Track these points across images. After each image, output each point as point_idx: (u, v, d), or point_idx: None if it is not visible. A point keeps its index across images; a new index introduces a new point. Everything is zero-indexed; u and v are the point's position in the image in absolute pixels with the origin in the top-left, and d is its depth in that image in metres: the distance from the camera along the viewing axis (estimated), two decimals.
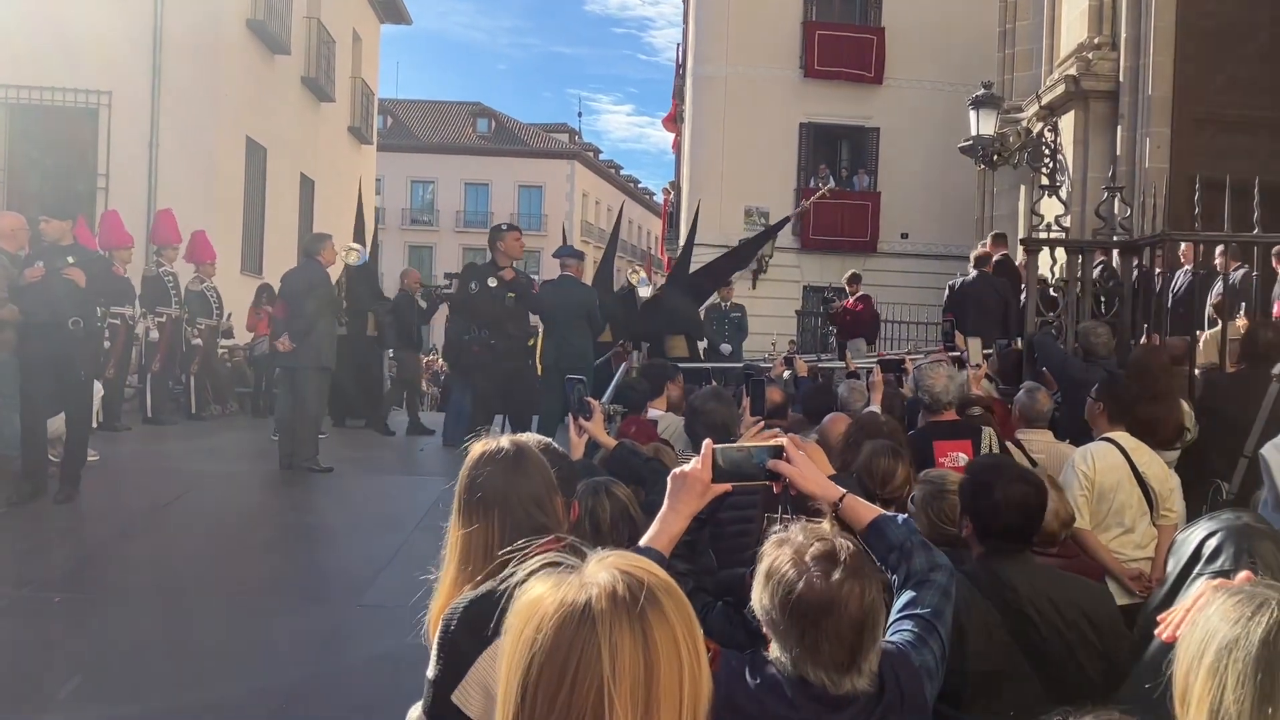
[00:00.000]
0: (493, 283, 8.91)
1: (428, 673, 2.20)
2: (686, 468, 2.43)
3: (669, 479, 2.48)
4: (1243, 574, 1.93)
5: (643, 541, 2.40)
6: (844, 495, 2.43)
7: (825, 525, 2.19)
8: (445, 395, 14.18)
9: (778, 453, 2.43)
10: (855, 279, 14.92)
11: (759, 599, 2.06)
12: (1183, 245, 8.10)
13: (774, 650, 2.06)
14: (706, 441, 2.50)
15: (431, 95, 60.31)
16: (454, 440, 11.25)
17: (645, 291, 12.32)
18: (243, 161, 17.61)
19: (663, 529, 2.40)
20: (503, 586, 1.76)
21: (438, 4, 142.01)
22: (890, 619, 2.20)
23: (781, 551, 2.05)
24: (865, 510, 2.41)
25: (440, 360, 15.88)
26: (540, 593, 1.25)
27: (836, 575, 1.97)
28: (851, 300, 14.53)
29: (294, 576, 6.80)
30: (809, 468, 2.43)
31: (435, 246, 50.06)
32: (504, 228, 9.68)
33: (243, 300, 14.83)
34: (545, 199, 51.50)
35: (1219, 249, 7.83)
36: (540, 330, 9.88)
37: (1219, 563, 2.34)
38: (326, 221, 19.36)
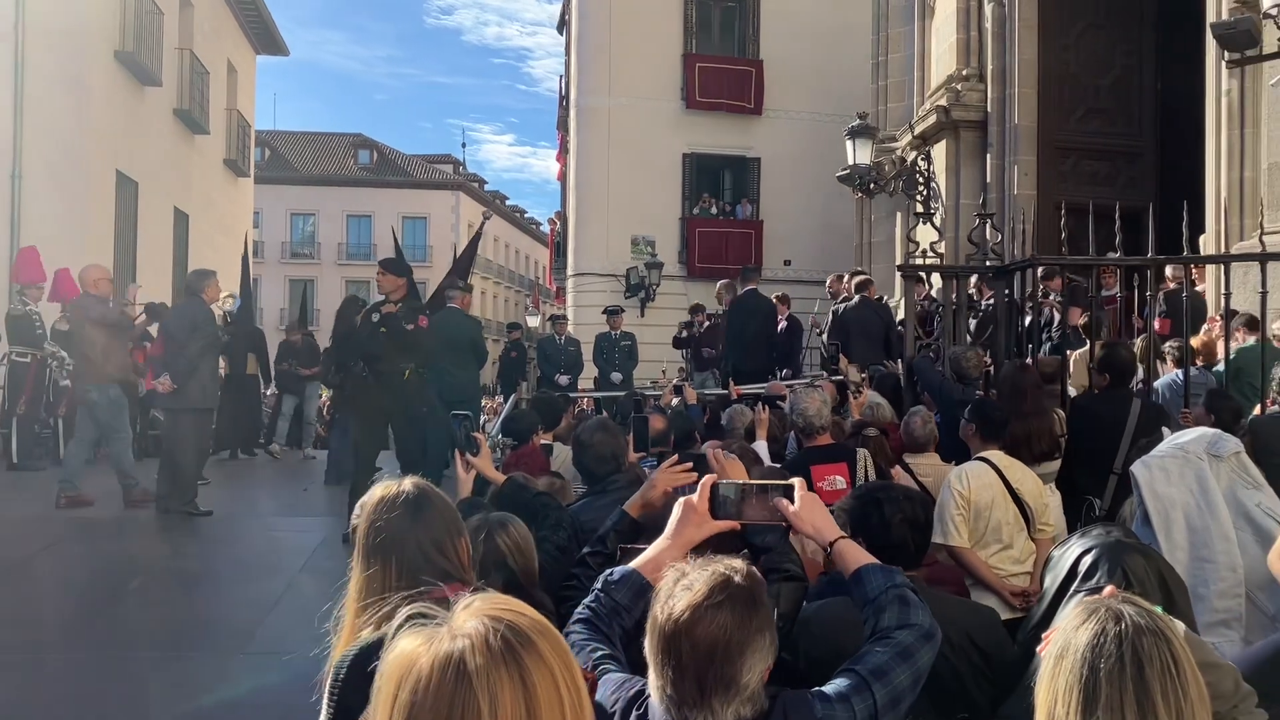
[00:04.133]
0: (374, 317, 8.77)
1: None
2: (693, 498, 2.38)
3: (676, 505, 2.42)
4: (1107, 589, 2.01)
5: (632, 564, 2.36)
6: (838, 539, 2.36)
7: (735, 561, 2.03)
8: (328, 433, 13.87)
9: (786, 492, 2.38)
10: (697, 309, 15.16)
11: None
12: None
13: (649, 681, 1.96)
14: (709, 476, 2.46)
15: (310, 126, 59.47)
16: (336, 479, 11.02)
17: None
18: (113, 196, 17.04)
19: (654, 555, 2.35)
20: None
21: (311, 33, 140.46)
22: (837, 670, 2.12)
23: (668, 578, 1.97)
24: (855, 557, 2.32)
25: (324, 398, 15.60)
26: (411, 650, 1.21)
27: (682, 603, 1.86)
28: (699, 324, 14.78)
29: (173, 625, 6.52)
30: (809, 510, 2.37)
31: (317, 280, 49.08)
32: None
33: None
34: (430, 230, 51.02)
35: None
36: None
37: (1095, 579, 2.41)
38: (202, 257, 18.82)
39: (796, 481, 2.43)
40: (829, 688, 2.04)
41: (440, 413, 7.94)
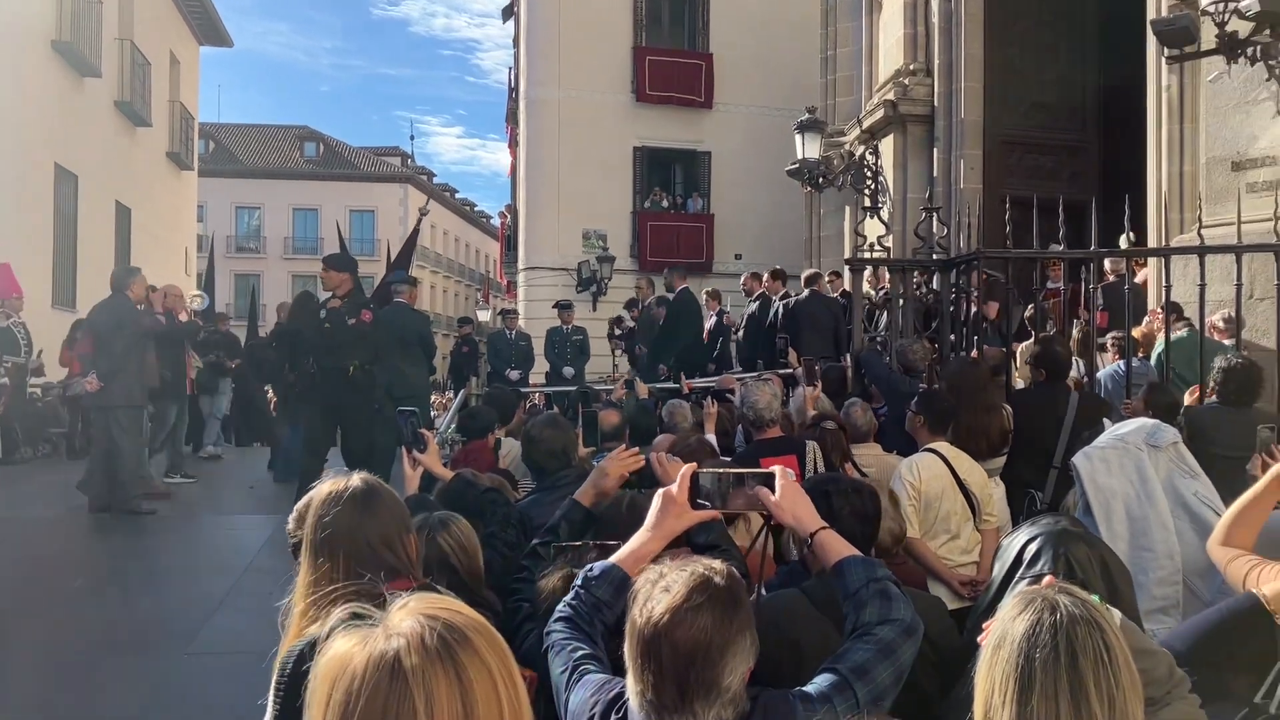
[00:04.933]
0: (321, 313, 8.70)
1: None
2: (673, 489, 2.35)
3: (656, 497, 2.39)
4: (1045, 579, 2.04)
5: (612, 559, 2.33)
6: (819, 530, 2.33)
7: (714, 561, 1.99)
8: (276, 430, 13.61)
9: (766, 480, 2.36)
10: (633, 304, 15.19)
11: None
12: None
13: (628, 684, 1.92)
14: (689, 465, 2.42)
15: (254, 119, 58.67)
16: (285, 476, 10.89)
17: None
18: (51, 189, 16.69)
19: (636, 548, 2.32)
20: None
21: (254, 24, 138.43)
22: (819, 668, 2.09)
23: (646, 580, 1.92)
24: (837, 549, 2.30)
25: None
26: (345, 650, 1.19)
27: (661, 606, 1.82)
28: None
29: (116, 626, 6.40)
30: (790, 499, 2.35)
31: (263, 275, 48.40)
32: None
33: (55, 336, 13.97)
34: (378, 223, 50.51)
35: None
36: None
37: (1039, 566, 2.44)
38: (145, 250, 18.53)
39: (778, 470, 2.40)
40: (811, 687, 2.02)
41: (389, 409, 7.88)
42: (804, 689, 2.02)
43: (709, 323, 13.20)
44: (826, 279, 11.71)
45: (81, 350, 9.07)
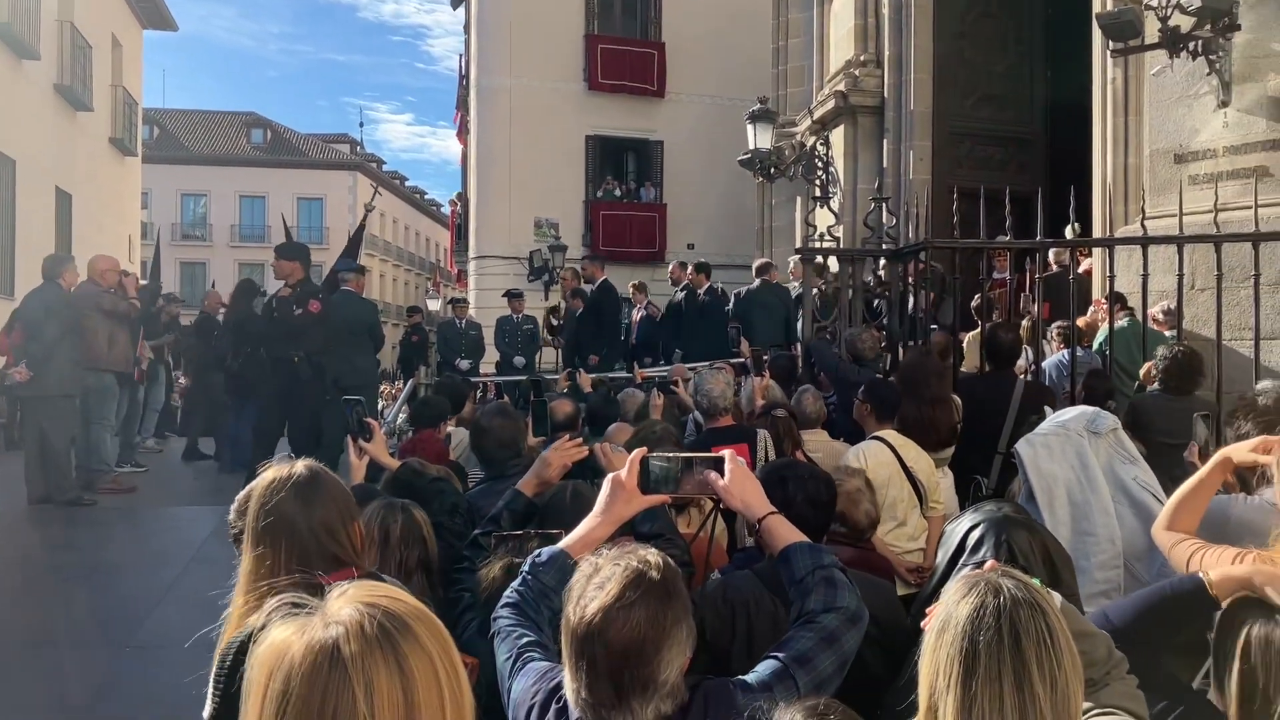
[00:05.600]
0: (272, 303, 8.63)
1: (204, 713, 2.08)
2: (621, 474, 2.33)
3: (606, 482, 2.38)
4: (988, 564, 2.06)
5: (560, 544, 2.31)
6: (767, 515, 2.33)
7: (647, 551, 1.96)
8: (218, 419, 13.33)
9: (715, 464, 2.35)
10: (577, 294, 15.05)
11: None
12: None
13: (565, 680, 1.91)
14: (638, 450, 2.41)
15: (200, 105, 57.77)
16: (230, 467, 10.75)
17: None
18: None
19: (584, 534, 2.31)
20: None
21: (200, 7, 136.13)
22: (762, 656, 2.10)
23: (581, 574, 1.90)
24: (784, 535, 2.30)
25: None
26: (283, 639, 1.17)
27: (595, 604, 1.80)
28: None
29: (56, 621, 6.29)
30: (739, 483, 2.34)
31: (209, 263, 47.72)
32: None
33: None
34: (327, 211, 49.97)
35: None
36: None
37: (981, 553, 2.47)
38: (87, 238, 18.14)
39: (726, 454, 2.40)
40: (752, 676, 2.02)
41: (337, 399, 7.81)
42: (744, 678, 2.02)
43: (636, 314, 13.24)
44: (782, 269, 11.79)
45: (14, 341, 8.88)
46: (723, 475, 2.35)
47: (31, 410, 9.05)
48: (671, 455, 2.44)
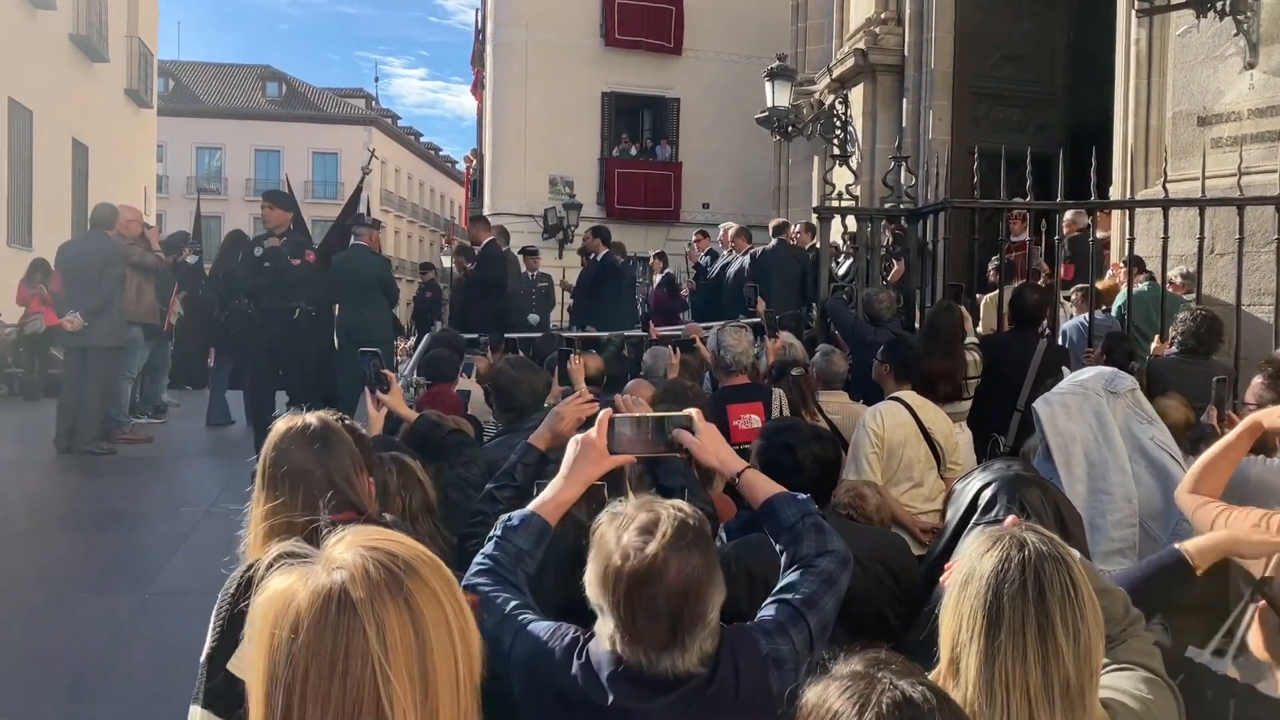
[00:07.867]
0: (258, 251, 8.50)
1: (201, 657, 2.09)
2: (591, 434, 2.34)
3: (571, 443, 2.39)
4: (1009, 519, 2.07)
5: (530, 506, 2.33)
6: (744, 470, 2.37)
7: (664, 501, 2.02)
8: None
9: (685, 423, 2.36)
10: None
11: (588, 574, 1.93)
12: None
13: (599, 627, 1.94)
14: (605, 410, 2.42)
15: (213, 57, 57.44)
16: (219, 420, 10.79)
17: None
18: (5, 125, 16.27)
19: (553, 495, 2.32)
20: None
21: None
22: (765, 601, 2.15)
23: (609, 524, 1.93)
24: (764, 487, 2.34)
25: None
26: (286, 588, 1.16)
27: (652, 546, 1.84)
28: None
29: (75, 567, 6.37)
30: (711, 440, 2.37)
31: (224, 216, 47.56)
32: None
33: (10, 274, 13.71)
34: (341, 166, 49.81)
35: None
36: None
37: (994, 512, 2.48)
38: (103, 190, 18.09)
39: (693, 412, 2.42)
40: (768, 619, 2.08)
41: (350, 352, 7.80)
42: (762, 621, 2.08)
43: (655, 280, 13.09)
44: (795, 230, 11.70)
45: (53, 288, 8.89)
46: (693, 433, 2.37)
47: (76, 359, 9.06)
48: (641, 415, 2.46)
